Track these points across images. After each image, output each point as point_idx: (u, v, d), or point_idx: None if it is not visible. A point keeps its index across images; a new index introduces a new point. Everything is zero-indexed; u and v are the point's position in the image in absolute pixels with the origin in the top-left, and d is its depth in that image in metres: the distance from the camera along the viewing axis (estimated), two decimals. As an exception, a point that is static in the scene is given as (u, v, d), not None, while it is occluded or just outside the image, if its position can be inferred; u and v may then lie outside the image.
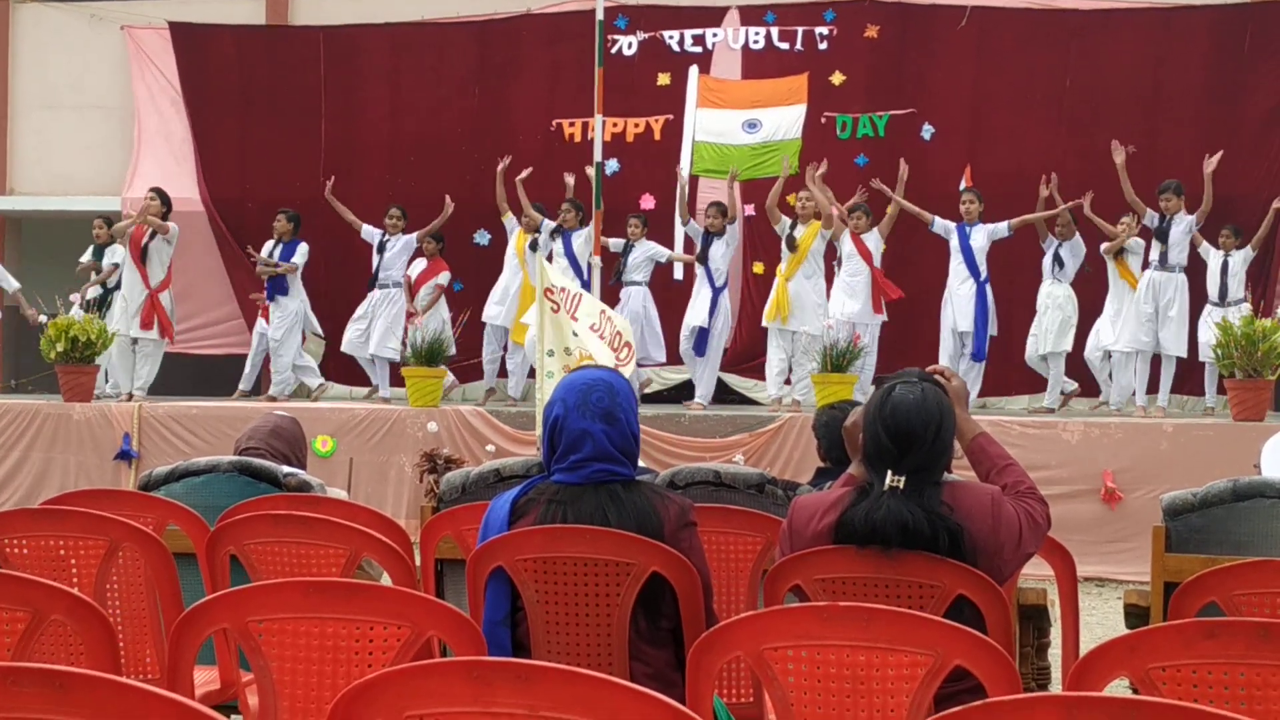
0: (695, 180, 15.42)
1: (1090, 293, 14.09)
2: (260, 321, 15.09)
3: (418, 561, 4.90)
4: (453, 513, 5.09)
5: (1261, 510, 4.93)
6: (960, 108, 15.85)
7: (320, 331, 15.57)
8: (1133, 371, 13.66)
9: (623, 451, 3.91)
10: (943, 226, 13.98)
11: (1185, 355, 13.57)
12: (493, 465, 5.57)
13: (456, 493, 5.50)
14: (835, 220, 13.81)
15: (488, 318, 14.93)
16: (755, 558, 4.80)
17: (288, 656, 3.25)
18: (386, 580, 4.55)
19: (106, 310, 14.88)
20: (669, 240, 15.12)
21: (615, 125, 15.76)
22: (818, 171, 14.03)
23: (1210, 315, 13.47)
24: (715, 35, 16.26)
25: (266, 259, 14.85)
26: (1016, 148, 15.51)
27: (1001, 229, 13.81)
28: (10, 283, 15.59)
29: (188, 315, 16.26)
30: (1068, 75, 15.59)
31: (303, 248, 14.88)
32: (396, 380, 14.77)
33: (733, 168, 14.53)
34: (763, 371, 14.60)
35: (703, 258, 14.26)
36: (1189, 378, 14.23)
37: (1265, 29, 15.17)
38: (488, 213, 15.79)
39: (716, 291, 14.22)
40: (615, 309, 12.60)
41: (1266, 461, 6.23)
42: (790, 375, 13.99)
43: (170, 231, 14.52)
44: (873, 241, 13.95)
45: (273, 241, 15.02)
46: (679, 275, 15.33)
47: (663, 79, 16.13)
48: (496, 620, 3.89)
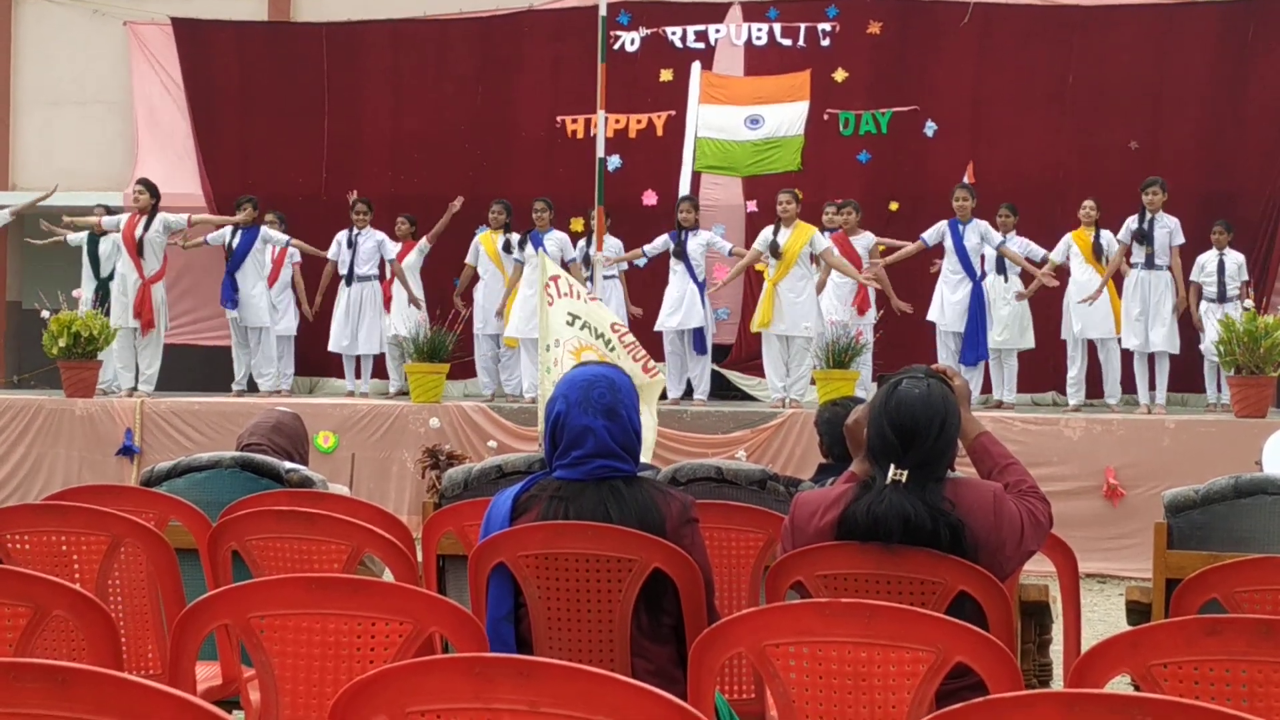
0: (698, 177, 15.41)
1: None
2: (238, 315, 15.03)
3: (419, 557, 4.90)
4: (455, 509, 5.09)
5: (1263, 507, 4.93)
6: (963, 104, 15.83)
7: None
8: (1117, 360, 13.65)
9: (624, 448, 3.91)
10: (936, 233, 13.77)
11: (1178, 352, 13.51)
12: (495, 461, 5.58)
13: (458, 489, 5.51)
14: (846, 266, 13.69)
15: (479, 329, 14.75)
16: (757, 554, 4.80)
17: (289, 652, 3.26)
18: (388, 576, 4.55)
19: (105, 304, 14.84)
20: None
21: (618, 121, 15.75)
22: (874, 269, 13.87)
23: (1211, 312, 13.44)
24: (718, 31, 16.25)
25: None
26: (1019, 144, 15.50)
27: (993, 238, 13.65)
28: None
29: (191, 308, 16.25)
30: (1070, 71, 15.58)
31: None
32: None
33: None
34: (763, 370, 14.56)
35: (680, 253, 14.06)
36: (1189, 375, 14.20)
37: (1267, 24, 15.15)
38: (489, 210, 15.78)
39: (700, 286, 14.10)
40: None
41: (1268, 458, 6.23)
42: (788, 377, 13.78)
43: (222, 229, 14.84)
44: (861, 244, 13.87)
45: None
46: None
47: (665, 75, 16.13)
48: (498, 616, 3.89)
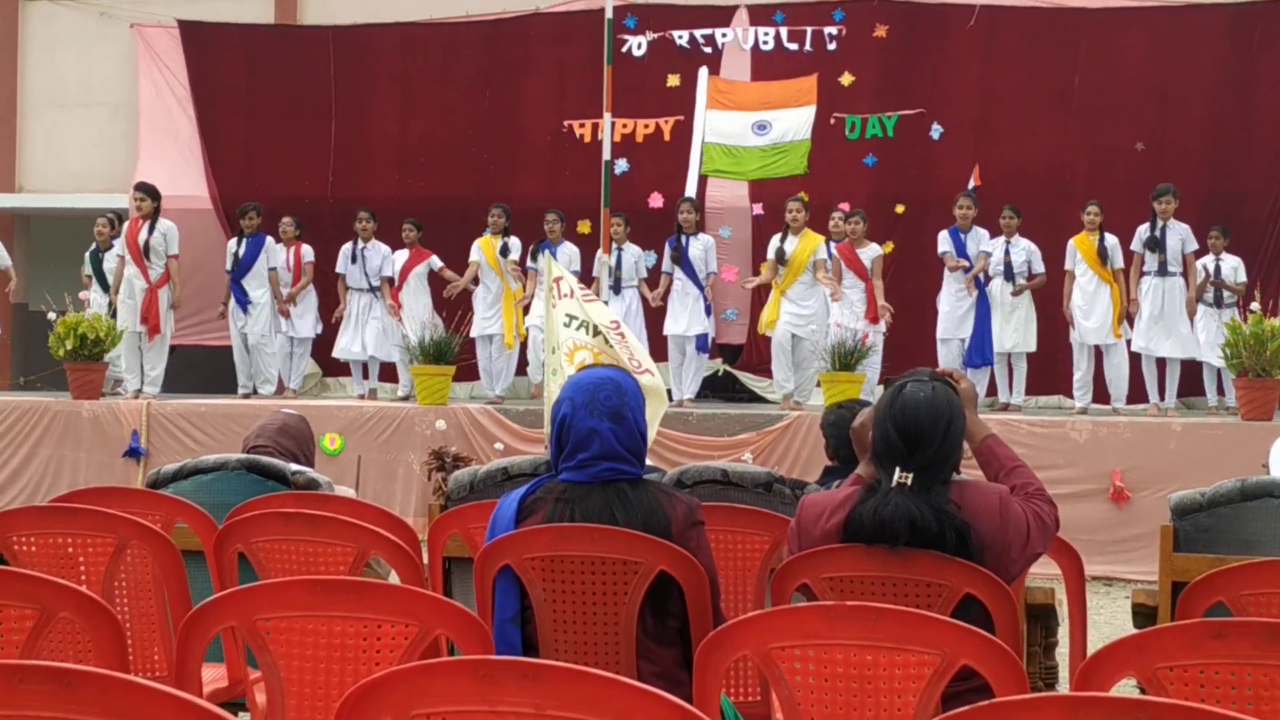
0: (704, 180, 15.41)
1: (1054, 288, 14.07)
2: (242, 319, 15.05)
3: (425, 560, 4.90)
4: (460, 511, 5.09)
5: (1270, 510, 4.92)
6: (969, 107, 15.83)
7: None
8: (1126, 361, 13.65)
9: (630, 450, 3.91)
10: (944, 243, 13.84)
11: (1193, 357, 13.54)
12: (501, 463, 5.58)
13: (464, 491, 5.50)
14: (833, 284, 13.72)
15: (477, 332, 14.75)
16: (763, 557, 4.80)
17: (295, 655, 3.26)
18: (394, 578, 4.55)
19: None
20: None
21: (625, 126, 15.76)
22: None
23: (1207, 317, 13.48)
24: (724, 35, 16.26)
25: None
26: (1025, 147, 15.50)
27: (986, 247, 13.69)
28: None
29: (197, 310, 16.24)
30: (1076, 74, 15.58)
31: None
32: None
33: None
34: (768, 370, 14.63)
35: (681, 259, 14.12)
36: (1190, 379, 14.20)
37: (1274, 26, 15.14)
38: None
39: (701, 290, 14.16)
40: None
41: (1275, 461, 6.22)
42: (795, 375, 13.83)
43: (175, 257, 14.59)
44: (867, 255, 13.87)
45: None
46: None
47: (672, 80, 16.14)
48: (504, 619, 3.89)
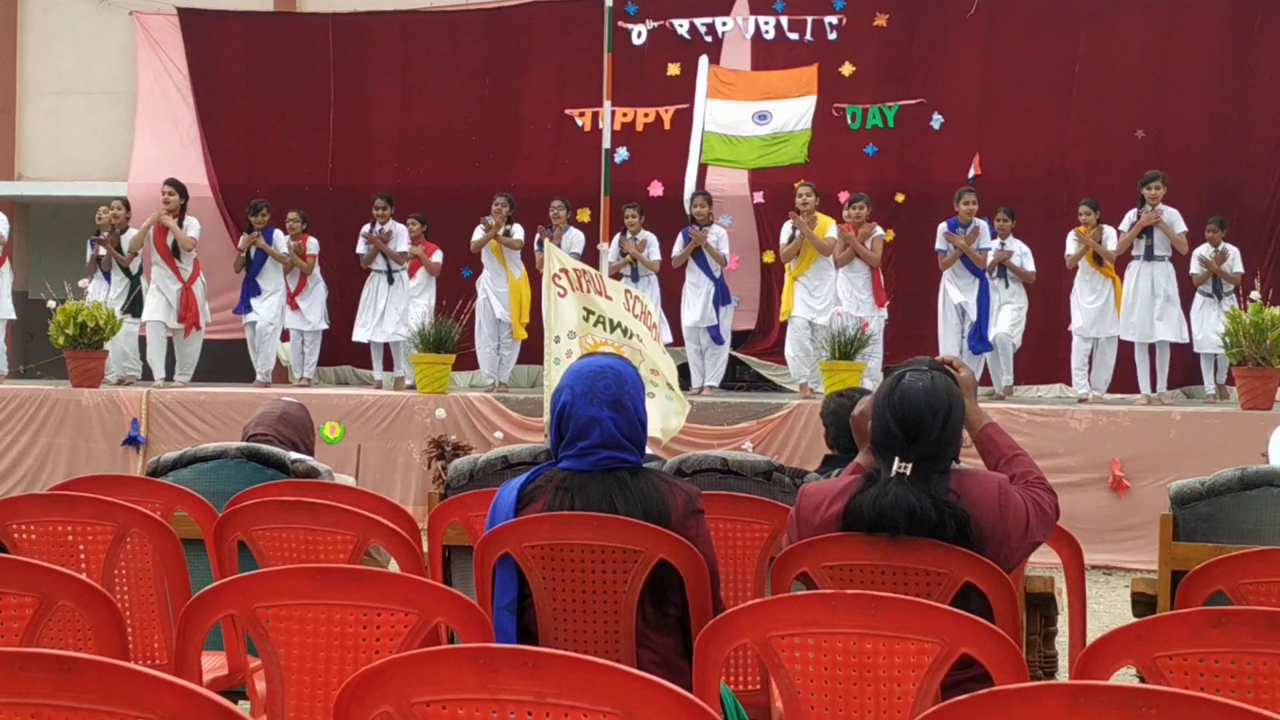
0: (704, 168, 15.40)
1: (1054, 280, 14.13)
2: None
3: (425, 548, 4.90)
4: (460, 499, 5.09)
5: (1269, 499, 4.93)
6: (969, 96, 15.82)
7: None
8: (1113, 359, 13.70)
9: (630, 439, 3.90)
10: (942, 239, 13.91)
11: (1186, 340, 13.53)
12: (500, 452, 5.58)
13: (464, 479, 5.51)
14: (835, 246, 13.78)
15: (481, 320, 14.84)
16: (762, 545, 4.80)
17: (295, 643, 3.26)
18: (394, 567, 4.55)
19: (135, 302, 14.89)
20: (677, 228, 15.08)
21: (625, 115, 15.74)
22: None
23: (1205, 307, 13.47)
24: (725, 24, 16.24)
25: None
26: (1025, 136, 15.49)
27: (986, 245, 13.75)
28: None
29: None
30: (1076, 62, 15.56)
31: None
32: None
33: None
34: (781, 356, 14.72)
35: (694, 251, 14.23)
36: (1187, 368, 14.22)
37: (1273, 14, 15.13)
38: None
39: (716, 282, 14.24)
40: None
41: (1274, 450, 6.22)
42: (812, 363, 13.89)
43: (190, 239, 14.63)
44: (870, 239, 13.89)
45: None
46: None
47: (673, 69, 16.12)
48: (503, 607, 3.89)
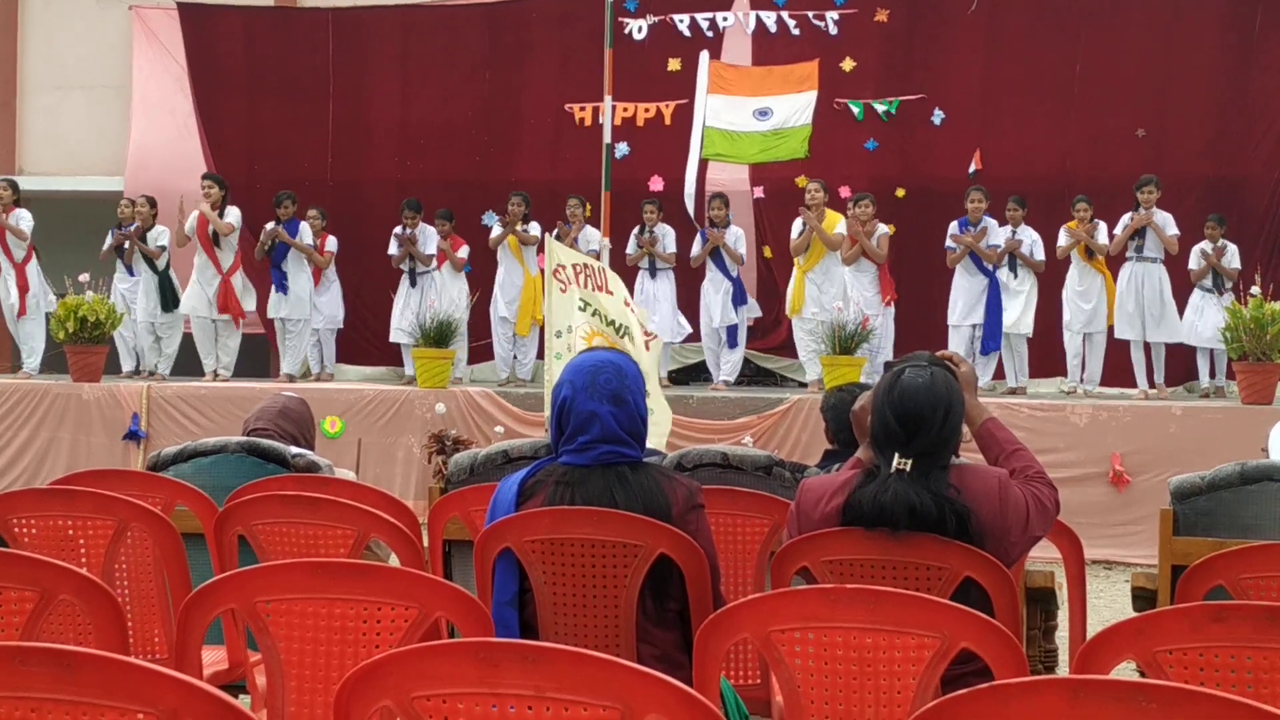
0: (704, 163, 15.40)
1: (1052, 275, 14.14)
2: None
3: (425, 542, 4.90)
4: (461, 494, 5.09)
5: (1269, 493, 4.92)
6: (970, 92, 15.81)
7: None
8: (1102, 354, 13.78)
9: (630, 433, 3.91)
10: (950, 238, 13.96)
11: (1178, 341, 13.59)
12: (501, 447, 5.58)
13: (464, 474, 5.51)
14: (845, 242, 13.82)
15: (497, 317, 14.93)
16: (763, 540, 4.80)
17: (295, 637, 3.26)
18: (394, 561, 4.56)
19: (166, 298, 14.96)
20: (677, 223, 15.10)
21: (625, 110, 15.73)
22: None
23: (1204, 302, 13.49)
24: (725, 19, 16.22)
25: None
26: (1026, 132, 15.49)
27: (995, 240, 13.78)
28: None
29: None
30: (1078, 60, 15.55)
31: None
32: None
33: None
34: (787, 350, 14.83)
35: (713, 252, 14.32)
36: (1187, 364, 14.23)
37: (1274, 12, 15.11)
38: (498, 195, 15.78)
39: (734, 282, 14.31)
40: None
41: (1274, 445, 6.22)
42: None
43: (228, 224, 14.72)
44: (875, 236, 13.90)
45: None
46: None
47: (673, 64, 16.09)
48: (504, 601, 3.89)
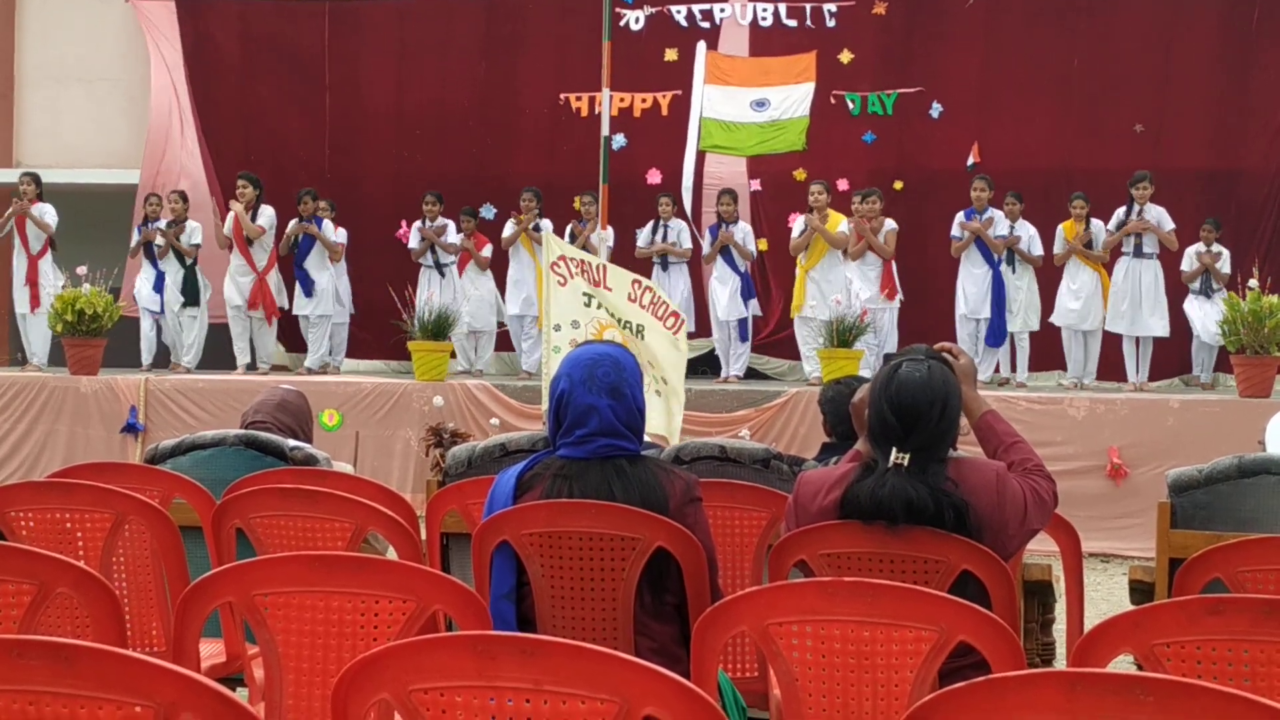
0: (702, 156, 15.39)
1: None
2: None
3: (423, 536, 4.90)
4: (458, 487, 5.10)
5: (1267, 487, 4.93)
6: (968, 86, 15.79)
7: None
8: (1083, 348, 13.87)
9: (628, 426, 3.90)
10: (957, 226, 13.98)
11: (1168, 334, 13.62)
12: (498, 440, 5.58)
13: (462, 467, 5.51)
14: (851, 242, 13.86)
15: (511, 311, 15.01)
16: (760, 533, 4.80)
17: (293, 630, 3.26)
18: (392, 554, 4.56)
19: (190, 292, 15.05)
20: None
21: (622, 100, 15.71)
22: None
23: (1199, 306, 13.56)
24: (722, 10, 16.20)
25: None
26: (1024, 126, 15.48)
27: (1001, 231, 13.79)
28: None
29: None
30: (1076, 54, 15.54)
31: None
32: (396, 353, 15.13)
33: None
34: (782, 350, 14.87)
35: (722, 248, 14.35)
36: (1182, 358, 14.27)
37: (1273, 6, 15.11)
38: (495, 186, 15.79)
39: (742, 277, 14.35)
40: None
41: (1271, 438, 6.22)
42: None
43: (259, 227, 14.82)
44: (881, 232, 13.92)
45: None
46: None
47: (670, 54, 16.07)
48: (501, 594, 3.89)
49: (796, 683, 3.16)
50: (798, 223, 14.07)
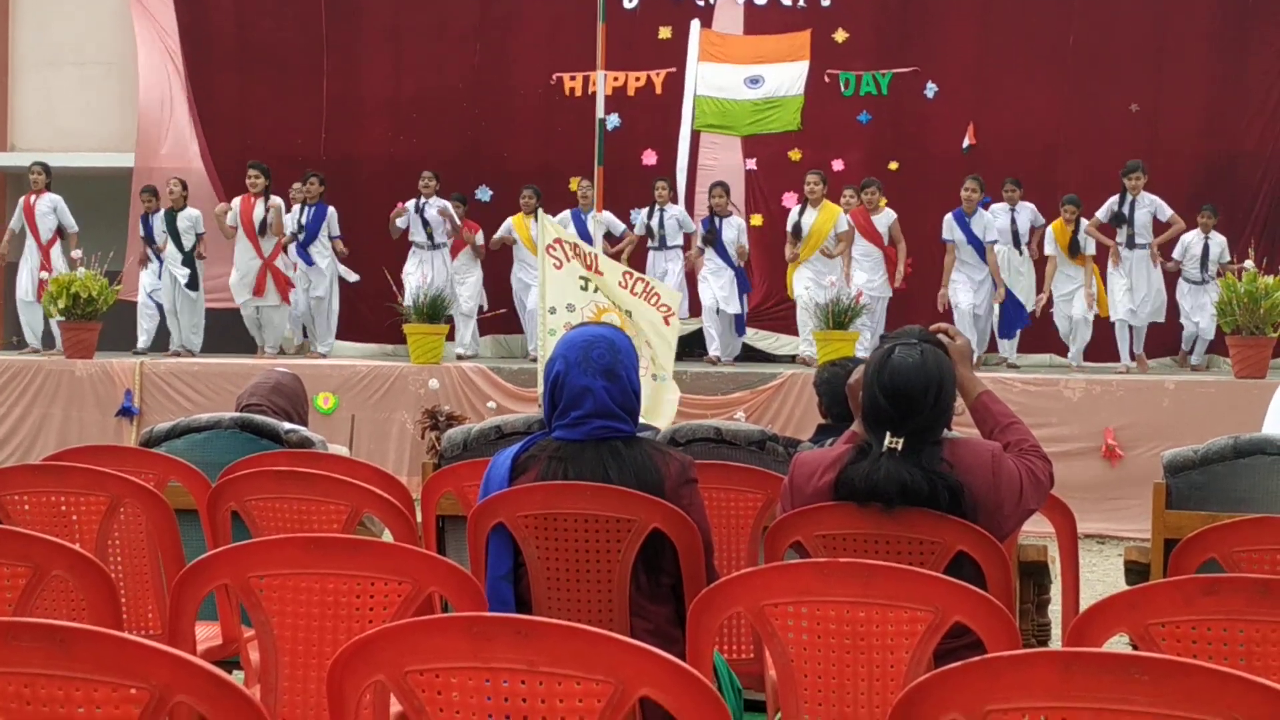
0: (697, 136, 15.37)
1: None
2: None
3: (419, 518, 4.90)
4: (454, 469, 5.10)
5: (1262, 467, 4.93)
6: (963, 66, 15.78)
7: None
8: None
9: (623, 408, 3.90)
10: (948, 229, 13.98)
11: (1163, 320, 13.64)
12: (494, 422, 5.59)
13: (458, 449, 5.51)
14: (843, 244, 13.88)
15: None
16: (756, 514, 4.80)
17: (289, 612, 3.26)
18: (388, 537, 4.56)
19: (192, 279, 15.05)
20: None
21: (616, 79, 15.66)
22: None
23: (1192, 294, 13.59)
24: (717, -11, 16.20)
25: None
26: (1019, 106, 15.48)
27: (992, 229, 13.84)
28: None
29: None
30: (1071, 33, 15.53)
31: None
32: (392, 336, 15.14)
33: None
34: (777, 323, 14.80)
35: (714, 240, 14.28)
36: (1170, 335, 14.30)
37: (1269, -12, 15.13)
38: (490, 169, 15.77)
39: (736, 271, 14.32)
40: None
41: (1271, 418, 6.21)
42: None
43: (286, 230, 14.94)
44: (883, 222, 13.92)
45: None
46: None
47: (664, 32, 16.04)
48: (498, 576, 3.89)
49: (792, 663, 3.16)
50: (791, 215, 14.01)
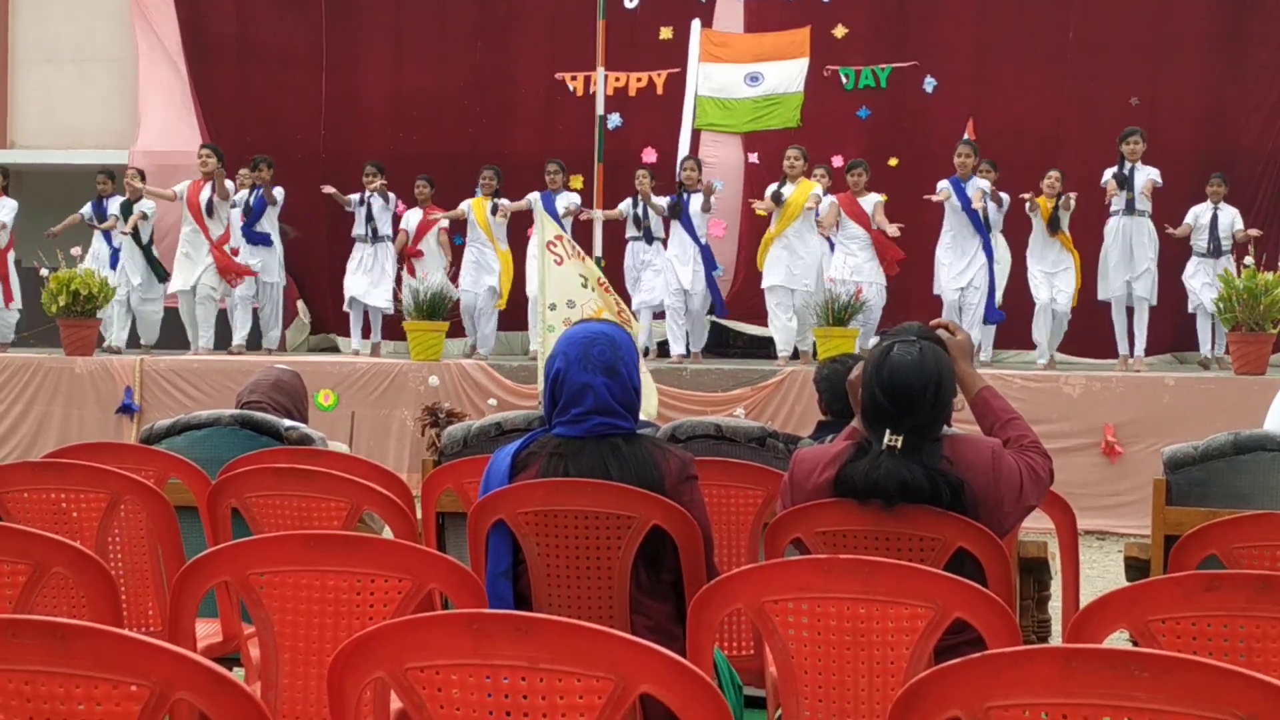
0: (698, 134, 15.37)
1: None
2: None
3: (419, 515, 4.90)
4: (454, 466, 5.10)
5: (1262, 463, 4.93)
6: (962, 60, 15.77)
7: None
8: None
9: (624, 405, 3.90)
10: (941, 189, 13.78)
11: (1156, 304, 13.52)
12: (494, 419, 5.58)
13: (458, 446, 5.51)
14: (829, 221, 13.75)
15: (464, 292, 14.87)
16: (756, 511, 4.80)
17: (289, 609, 3.26)
18: (388, 534, 4.56)
19: (158, 269, 15.10)
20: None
21: (617, 79, 15.70)
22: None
23: (1201, 267, 13.48)
24: (717, -14, 16.19)
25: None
26: (1019, 100, 15.46)
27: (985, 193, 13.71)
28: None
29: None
30: (1070, 27, 15.52)
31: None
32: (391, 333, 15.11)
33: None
34: (763, 316, 14.61)
35: (680, 213, 14.07)
36: (1183, 333, 14.23)
37: (1270, -19, 15.12)
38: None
39: (702, 247, 14.15)
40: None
41: (1273, 415, 6.21)
42: (795, 327, 13.86)
43: (229, 198, 14.77)
44: (868, 203, 13.82)
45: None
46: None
47: (665, 33, 16.05)
48: (498, 573, 3.89)
49: (792, 660, 3.16)
50: (771, 186, 13.88)
